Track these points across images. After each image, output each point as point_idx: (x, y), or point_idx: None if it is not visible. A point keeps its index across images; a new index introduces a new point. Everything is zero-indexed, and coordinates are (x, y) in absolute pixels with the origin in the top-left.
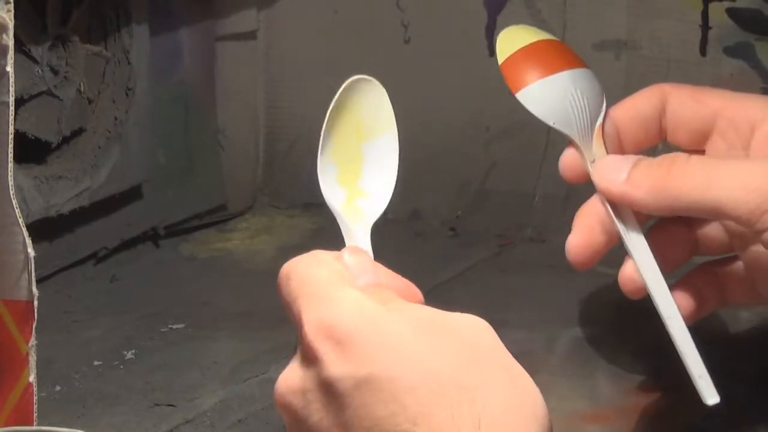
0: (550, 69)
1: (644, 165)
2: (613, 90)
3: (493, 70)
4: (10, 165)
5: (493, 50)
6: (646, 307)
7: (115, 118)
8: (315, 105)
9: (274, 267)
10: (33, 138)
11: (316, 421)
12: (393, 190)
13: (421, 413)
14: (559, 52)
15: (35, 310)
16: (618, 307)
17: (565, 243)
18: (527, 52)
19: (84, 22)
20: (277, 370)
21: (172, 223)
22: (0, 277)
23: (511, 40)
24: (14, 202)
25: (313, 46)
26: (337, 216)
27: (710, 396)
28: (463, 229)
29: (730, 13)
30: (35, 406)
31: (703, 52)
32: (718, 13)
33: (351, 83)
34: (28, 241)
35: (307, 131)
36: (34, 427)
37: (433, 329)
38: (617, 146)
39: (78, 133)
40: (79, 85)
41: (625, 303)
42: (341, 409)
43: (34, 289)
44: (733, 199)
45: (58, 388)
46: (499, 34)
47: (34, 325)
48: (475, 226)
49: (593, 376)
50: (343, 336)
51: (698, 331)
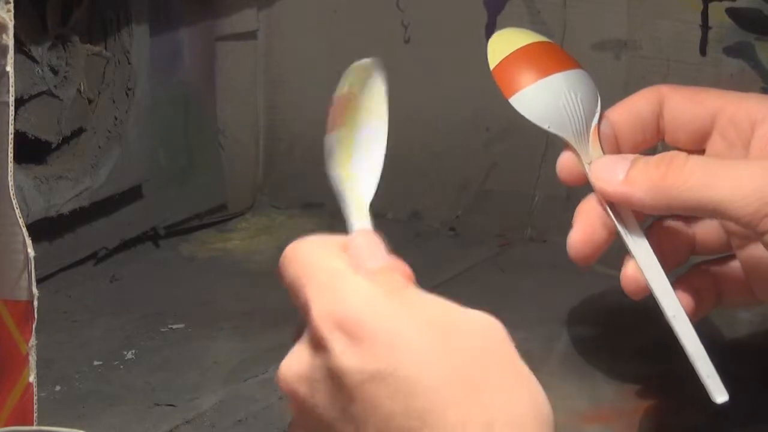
0: (542, 72)
1: (642, 164)
2: (613, 90)
3: None
4: (10, 165)
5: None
6: (646, 307)
7: (115, 118)
8: (315, 105)
9: (274, 267)
10: (33, 138)
11: (322, 411)
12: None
13: (433, 413)
14: (552, 54)
15: (35, 310)
16: (618, 307)
17: (567, 239)
18: (519, 56)
19: (84, 22)
20: (277, 370)
21: (172, 223)
22: (0, 277)
23: (502, 44)
24: (14, 202)
25: (313, 46)
26: (341, 197)
27: (719, 394)
28: (463, 229)
29: (730, 12)
30: (35, 406)
31: (703, 52)
32: (718, 13)
33: (359, 65)
34: (28, 241)
35: (307, 131)
36: (34, 427)
37: (447, 327)
38: (615, 148)
39: (78, 133)
40: (79, 85)
41: (625, 303)
42: (349, 401)
43: (34, 289)
44: (733, 201)
45: (58, 388)
46: (491, 38)
47: (34, 325)
48: (475, 226)
49: (593, 376)
50: (355, 329)
51: (698, 332)
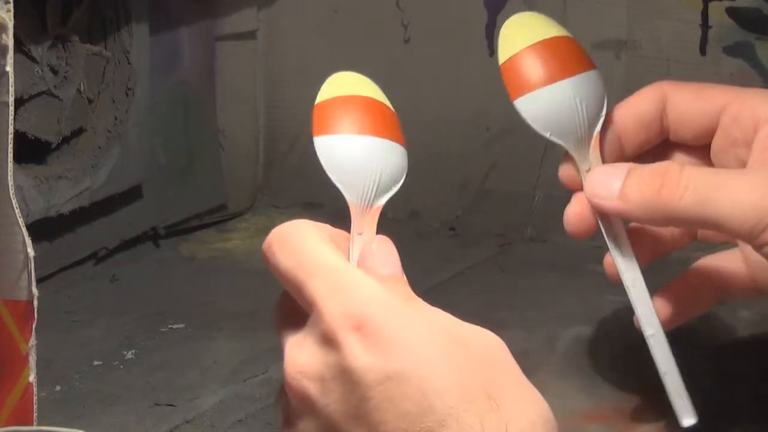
0: (552, 76)
1: (636, 177)
2: (613, 90)
3: (494, 70)
4: (10, 165)
5: (493, 50)
6: None
7: (115, 118)
8: None
9: None
10: (33, 138)
11: (333, 410)
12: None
13: (450, 415)
14: (566, 54)
15: (35, 310)
16: (618, 306)
17: (564, 213)
18: (531, 53)
19: (84, 22)
20: (277, 370)
21: (172, 223)
22: (0, 277)
23: (515, 36)
24: (14, 202)
25: (313, 46)
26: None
27: (687, 417)
28: (463, 229)
29: (730, 12)
30: (35, 406)
31: (703, 51)
32: (718, 13)
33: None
34: (28, 241)
35: (307, 131)
36: (34, 427)
37: (459, 335)
38: (618, 149)
39: (78, 133)
40: (79, 85)
41: (625, 302)
42: (363, 400)
43: (34, 289)
44: (731, 217)
45: (58, 388)
46: (505, 24)
47: (34, 325)
48: (475, 226)
49: (593, 376)
50: (371, 329)
51: (698, 332)
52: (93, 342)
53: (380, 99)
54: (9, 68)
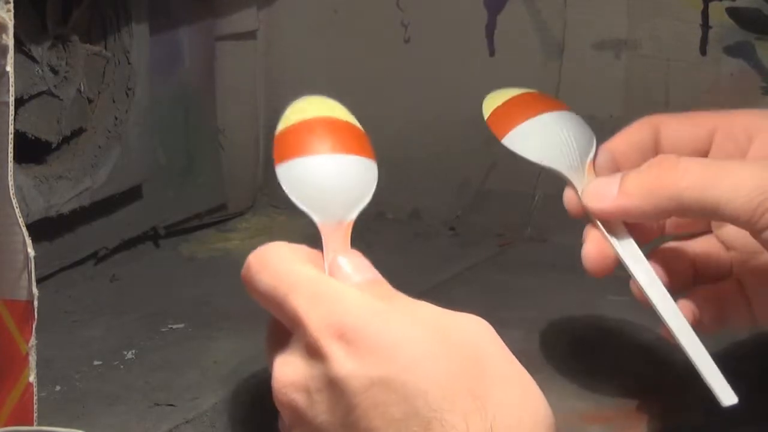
0: (532, 112)
1: (633, 173)
2: (613, 90)
3: (494, 70)
4: (10, 165)
5: (493, 50)
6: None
7: (115, 118)
8: None
9: None
10: (33, 138)
11: (322, 420)
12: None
13: (435, 417)
14: (541, 100)
15: (35, 310)
16: (618, 306)
17: (582, 253)
18: (510, 104)
19: (84, 22)
20: None
21: (172, 223)
22: (0, 277)
23: (495, 99)
24: (14, 202)
25: (313, 46)
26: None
27: (726, 396)
28: (463, 229)
29: (730, 12)
30: (35, 406)
31: (703, 51)
32: (718, 13)
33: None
34: (28, 241)
35: None
36: (34, 427)
37: (440, 332)
38: (613, 169)
39: (78, 133)
40: (79, 85)
41: (625, 302)
42: (350, 408)
43: (34, 289)
44: (733, 199)
45: (58, 388)
46: (485, 98)
47: (34, 325)
48: (475, 226)
49: (593, 376)
50: (354, 337)
51: (698, 332)
52: (93, 342)
53: (339, 116)
54: (9, 68)
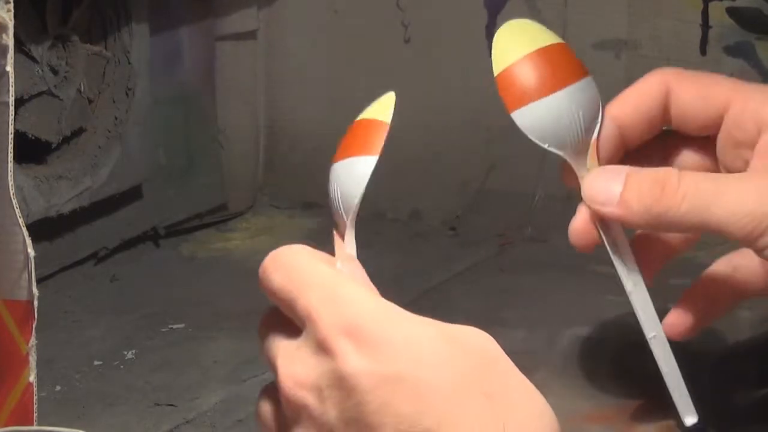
0: (548, 87)
1: (636, 185)
2: (613, 90)
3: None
4: (10, 165)
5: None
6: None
7: (115, 118)
8: (315, 105)
9: None
10: (33, 138)
11: (332, 417)
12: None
13: (447, 415)
14: (561, 62)
15: (35, 310)
16: (618, 306)
17: (569, 226)
18: (526, 63)
19: (84, 22)
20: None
21: (172, 223)
22: (0, 277)
23: (509, 45)
24: (14, 202)
25: (313, 46)
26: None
27: (689, 415)
28: (463, 229)
29: (730, 12)
30: (35, 406)
31: (703, 51)
32: (718, 13)
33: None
34: (28, 241)
35: (307, 131)
36: (34, 427)
37: (450, 334)
38: (620, 143)
39: (78, 133)
40: (79, 85)
41: (625, 302)
42: (361, 405)
43: (34, 289)
44: (728, 223)
45: (58, 388)
46: (497, 33)
47: (34, 325)
48: (475, 226)
49: (593, 376)
50: (365, 334)
51: (699, 332)
52: (93, 342)
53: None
54: (9, 68)
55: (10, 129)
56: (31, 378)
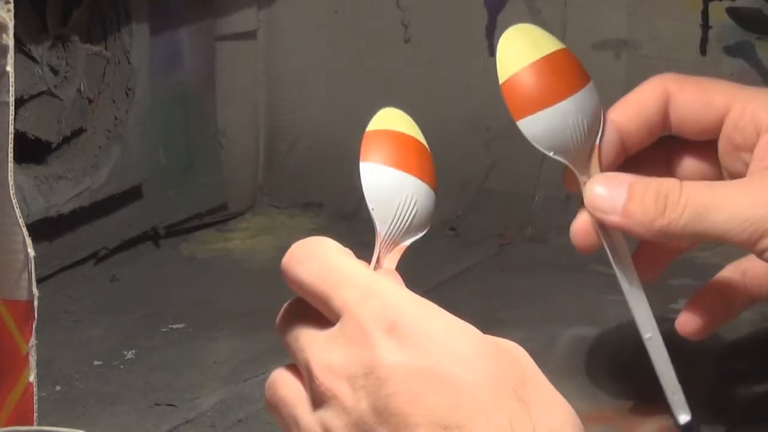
0: (555, 95)
1: (639, 197)
2: (614, 90)
3: (494, 70)
4: (10, 165)
5: (493, 50)
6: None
7: (115, 118)
8: (315, 105)
9: (274, 267)
10: (33, 138)
11: (364, 407)
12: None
13: (480, 412)
14: (565, 69)
15: (35, 310)
16: (618, 306)
17: (570, 227)
18: (531, 72)
19: (84, 22)
20: (277, 369)
21: (172, 223)
22: (0, 277)
23: (513, 53)
24: (14, 202)
25: (313, 46)
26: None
27: (682, 413)
28: (463, 229)
29: (731, 12)
30: (35, 406)
31: (704, 51)
32: (718, 13)
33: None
34: (28, 241)
35: (307, 131)
36: (34, 427)
37: (485, 339)
38: (620, 149)
39: (78, 133)
40: (79, 85)
41: (625, 302)
42: (393, 396)
43: (34, 289)
44: (727, 230)
45: (58, 388)
46: (500, 42)
47: (34, 325)
48: (475, 226)
49: (593, 376)
50: (404, 330)
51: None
52: (93, 342)
53: (425, 144)
54: (9, 68)
55: (10, 129)
56: (31, 378)
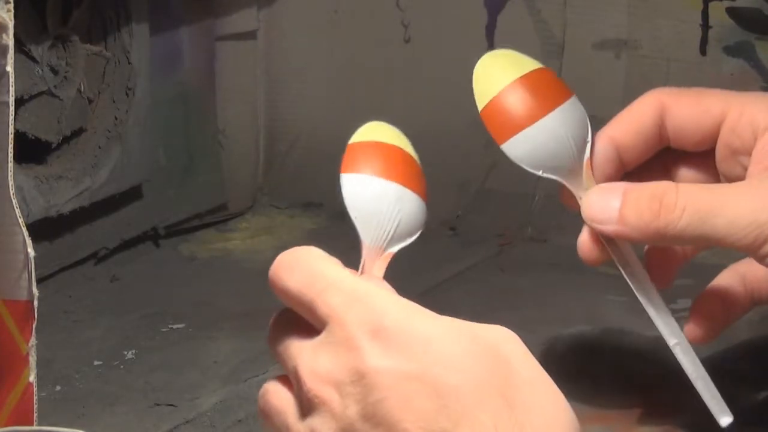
0: (534, 114)
1: (634, 201)
2: (613, 90)
3: None
4: (10, 165)
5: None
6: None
7: (115, 118)
8: (315, 105)
9: None
10: (33, 138)
11: (352, 413)
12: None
13: (465, 415)
14: (543, 87)
15: (35, 310)
16: (618, 306)
17: (577, 240)
18: (509, 94)
19: (84, 22)
20: (276, 370)
21: (172, 223)
22: (0, 277)
23: (488, 79)
24: (14, 202)
25: (313, 46)
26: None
27: (724, 415)
28: (463, 229)
29: (730, 12)
30: (35, 406)
31: (704, 51)
32: (718, 13)
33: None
34: (28, 241)
35: (307, 131)
36: (34, 427)
37: (470, 333)
38: (618, 165)
39: (78, 133)
40: (79, 85)
41: (625, 302)
42: (381, 402)
43: (34, 289)
44: (729, 233)
45: (58, 388)
46: (475, 70)
47: (34, 325)
48: (475, 226)
49: (593, 377)
50: (388, 333)
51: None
52: (93, 342)
53: (412, 153)
54: (9, 68)
55: (10, 129)
56: (31, 378)
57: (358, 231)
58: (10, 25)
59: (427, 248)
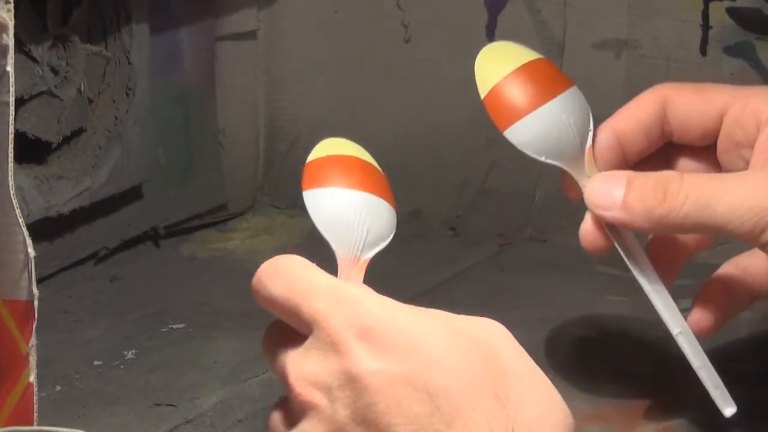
0: (537, 99)
1: (638, 188)
2: (613, 89)
3: None
4: (10, 165)
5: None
6: (646, 307)
7: (115, 118)
8: (315, 105)
9: None
10: (33, 138)
11: (342, 416)
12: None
13: (457, 416)
14: (544, 75)
15: (35, 310)
16: (618, 306)
17: (579, 229)
18: (510, 81)
19: (84, 22)
20: None
21: (172, 223)
22: (0, 277)
23: (490, 67)
24: (14, 202)
25: (313, 46)
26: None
27: (727, 406)
28: (463, 229)
29: (731, 12)
30: (35, 406)
31: (704, 51)
32: (718, 13)
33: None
34: (28, 241)
35: (307, 131)
36: (34, 427)
37: (459, 332)
38: (621, 157)
39: (78, 133)
40: (79, 85)
41: (625, 302)
42: (371, 405)
43: (34, 289)
44: (729, 220)
45: (58, 388)
46: (477, 59)
47: (34, 325)
48: (475, 226)
49: (593, 376)
50: (375, 335)
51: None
52: (93, 342)
53: (371, 161)
54: (9, 68)
55: (10, 129)
56: (31, 378)
57: (330, 244)
58: (10, 25)
59: (427, 248)
